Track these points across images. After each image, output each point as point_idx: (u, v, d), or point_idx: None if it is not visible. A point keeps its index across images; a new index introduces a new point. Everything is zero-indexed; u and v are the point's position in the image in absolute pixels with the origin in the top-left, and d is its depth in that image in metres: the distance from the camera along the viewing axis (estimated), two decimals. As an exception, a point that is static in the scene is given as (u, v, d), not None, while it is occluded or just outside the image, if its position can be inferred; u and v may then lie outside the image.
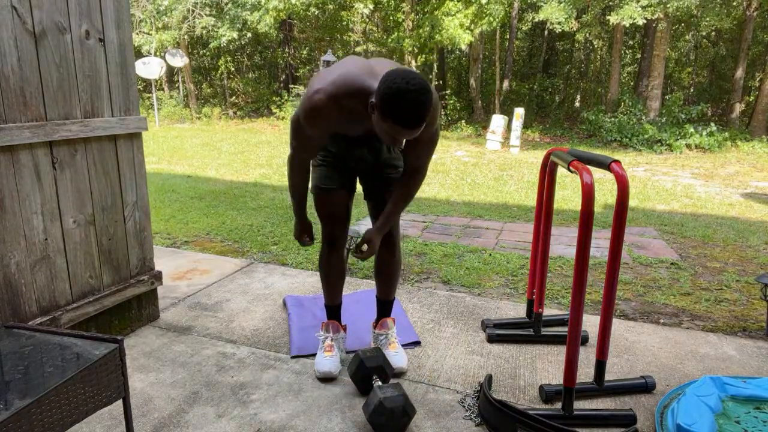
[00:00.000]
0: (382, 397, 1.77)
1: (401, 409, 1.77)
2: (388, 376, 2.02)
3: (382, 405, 1.75)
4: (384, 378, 2.00)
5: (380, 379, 1.98)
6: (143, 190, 2.52)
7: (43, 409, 1.29)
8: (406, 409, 1.78)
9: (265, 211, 5.22)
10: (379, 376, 1.99)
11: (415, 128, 1.61)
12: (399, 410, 1.76)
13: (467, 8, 13.20)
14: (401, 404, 1.77)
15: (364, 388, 2.01)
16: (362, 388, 2.02)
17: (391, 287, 2.28)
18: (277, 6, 13.81)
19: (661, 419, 1.87)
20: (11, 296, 1.95)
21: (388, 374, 2.02)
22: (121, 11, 2.29)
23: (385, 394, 1.78)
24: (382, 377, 1.99)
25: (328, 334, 2.25)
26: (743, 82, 14.17)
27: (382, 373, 2.00)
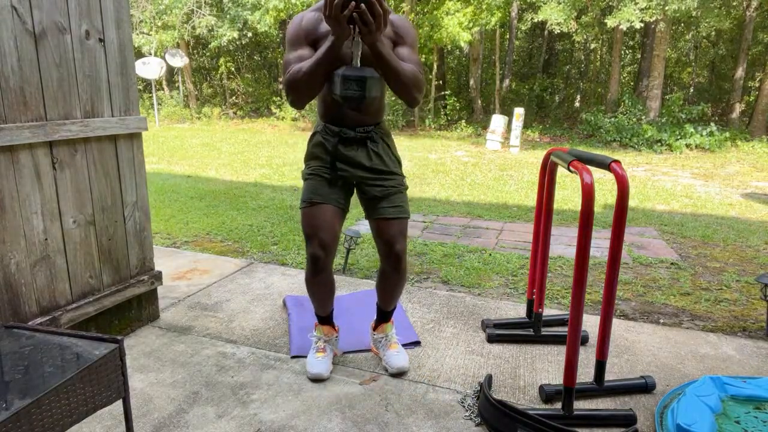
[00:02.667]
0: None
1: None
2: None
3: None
4: None
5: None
6: (143, 190, 2.52)
7: (43, 409, 1.29)
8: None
9: (265, 211, 5.22)
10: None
11: None
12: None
13: (466, 7, 13.21)
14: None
15: None
16: None
17: (394, 300, 2.22)
18: (277, 6, 13.81)
19: (661, 419, 1.87)
20: (11, 296, 1.95)
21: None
22: (121, 11, 2.29)
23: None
24: None
25: (320, 336, 2.25)
26: (743, 82, 14.17)
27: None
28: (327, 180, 2.06)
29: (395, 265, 2.08)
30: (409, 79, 1.88)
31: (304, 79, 1.84)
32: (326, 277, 2.10)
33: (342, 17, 1.71)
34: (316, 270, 2.05)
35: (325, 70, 1.84)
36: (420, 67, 1.96)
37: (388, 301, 2.22)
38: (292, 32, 1.95)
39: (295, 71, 1.85)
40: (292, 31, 1.95)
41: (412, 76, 1.88)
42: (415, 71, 1.90)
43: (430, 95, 15.78)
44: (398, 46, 1.97)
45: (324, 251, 2.02)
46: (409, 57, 1.95)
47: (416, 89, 1.91)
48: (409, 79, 1.88)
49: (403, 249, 2.07)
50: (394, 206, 2.07)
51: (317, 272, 2.05)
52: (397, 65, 1.85)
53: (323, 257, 2.02)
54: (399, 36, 1.97)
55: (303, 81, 1.85)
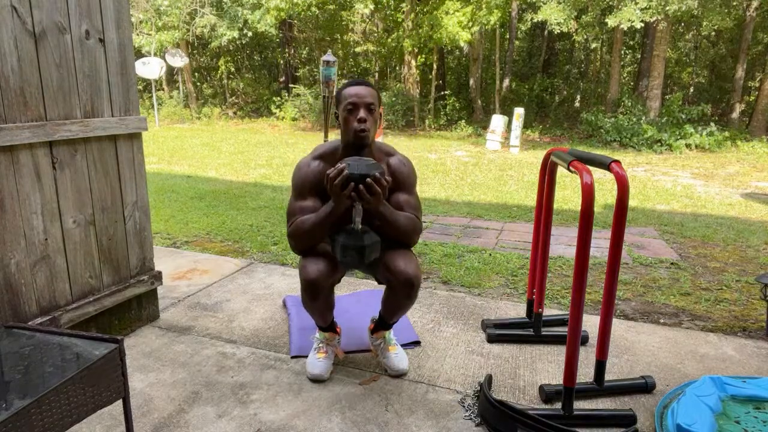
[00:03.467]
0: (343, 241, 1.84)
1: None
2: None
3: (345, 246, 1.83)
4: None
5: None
6: (143, 190, 2.52)
7: (43, 409, 1.29)
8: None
9: (265, 211, 5.22)
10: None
11: (360, 85, 1.95)
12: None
13: (466, 6, 13.21)
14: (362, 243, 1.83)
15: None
16: None
17: (399, 316, 2.16)
18: (278, 5, 13.81)
19: (661, 419, 1.87)
20: (11, 296, 1.95)
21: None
22: (121, 11, 2.29)
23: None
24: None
25: (322, 339, 2.24)
26: (743, 82, 14.17)
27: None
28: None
29: (409, 292, 1.97)
30: (407, 230, 1.97)
31: (306, 234, 1.95)
32: (324, 299, 2.01)
33: (342, 195, 1.81)
34: (313, 294, 1.95)
35: (327, 228, 1.93)
36: (418, 210, 2.06)
37: (393, 317, 2.15)
38: (297, 181, 2.04)
39: (298, 225, 1.96)
40: (297, 180, 2.04)
41: (410, 227, 1.98)
42: (413, 221, 1.99)
43: (430, 95, 15.78)
44: (397, 192, 2.03)
45: (322, 275, 1.93)
46: (407, 202, 2.03)
47: (414, 235, 2.01)
48: (408, 229, 1.97)
49: (417, 274, 1.96)
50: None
51: (315, 297, 1.96)
52: (396, 220, 1.94)
53: (323, 282, 1.93)
54: (398, 182, 2.04)
55: (305, 236, 1.95)
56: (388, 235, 1.97)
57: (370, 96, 1.94)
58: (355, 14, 17.23)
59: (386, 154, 2.10)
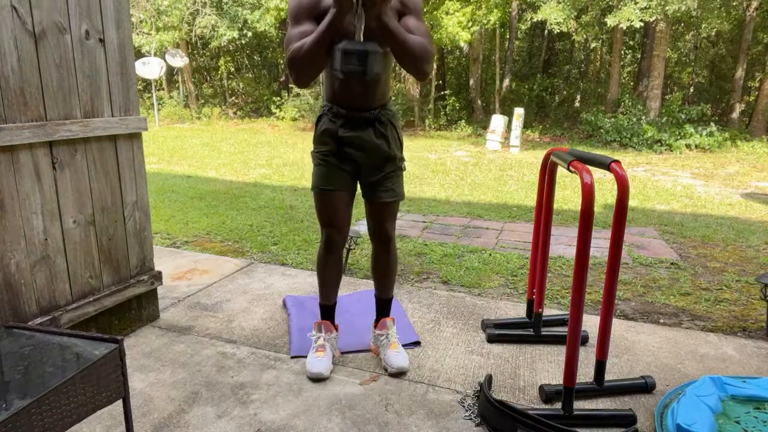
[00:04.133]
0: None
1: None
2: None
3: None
4: None
5: None
6: (143, 190, 2.52)
7: (43, 409, 1.29)
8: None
9: (265, 211, 5.22)
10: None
11: None
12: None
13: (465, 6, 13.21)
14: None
15: None
16: None
17: (389, 285, 2.30)
18: (278, 5, 13.81)
19: (661, 419, 1.87)
20: (11, 296, 1.95)
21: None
22: (121, 11, 2.29)
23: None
24: None
25: (320, 334, 2.25)
26: (743, 82, 14.17)
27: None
28: (336, 166, 2.09)
29: (385, 245, 2.21)
30: (417, 52, 1.81)
31: (306, 56, 1.80)
32: (337, 260, 2.24)
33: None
34: (330, 251, 2.19)
35: (328, 45, 1.78)
36: (428, 37, 1.89)
37: (383, 287, 2.29)
38: (293, 7, 1.90)
39: (297, 48, 1.80)
40: (293, 5, 1.90)
41: (420, 49, 1.81)
42: (423, 43, 1.83)
43: (430, 95, 15.78)
44: (404, 17, 1.90)
45: (339, 232, 2.16)
46: (416, 27, 1.89)
47: (425, 61, 1.84)
48: (418, 51, 1.81)
49: (392, 229, 2.20)
50: (388, 190, 2.13)
51: (331, 251, 2.20)
52: (404, 38, 1.78)
53: (338, 238, 2.18)
54: (405, 5, 1.90)
55: (305, 58, 1.80)
56: (396, 56, 1.83)
57: None
58: (355, 14, 17.18)
59: None
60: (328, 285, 2.26)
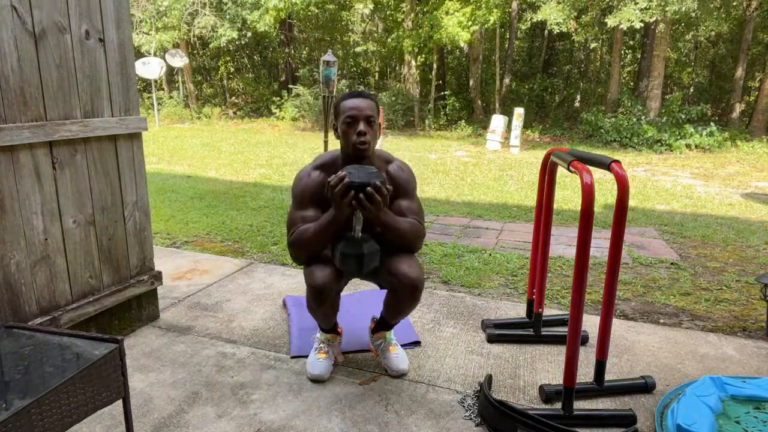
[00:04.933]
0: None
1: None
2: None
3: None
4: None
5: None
6: (143, 190, 2.52)
7: (43, 409, 1.29)
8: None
9: (265, 211, 5.22)
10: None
11: (359, 97, 1.93)
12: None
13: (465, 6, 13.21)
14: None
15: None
16: None
17: (402, 317, 2.16)
18: (277, 5, 13.81)
19: (661, 419, 1.87)
20: (11, 296, 1.95)
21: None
22: (121, 11, 2.29)
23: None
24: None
25: (323, 339, 2.24)
26: (743, 82, 14.17)
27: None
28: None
29: (413, 296, 1.98)
30: (410, 236, 1.96)
31: (307, 244, 1.94)
32: (332, 303, 2.04)
33: (342, 203, 1.80)
34: (322, 300, 1.96)
35: (327, 237, 1.92)
36: (420, 215, 2.05)
37: (395, 318, 2.15)
38: (297, 191, 2.03)
39: (299, 234, 1.95)
40: (297, 190, 2.03)
41: (412, 233, 1.97)
42: (415, 226, 1.98)
43: (430, 95, 15.78)
44: (398, 199, 2.03)
45: (329, 280, 1.94)
46: (408, 208, 2.03)
47: (417, 240, 2.00)
48: (410, 235, 1.96)
49: (421, 278, 1.96)
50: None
51: (323, 302, 1.97)
52: (398, 228, 1.93)
53: (329, 287, 1.94)
54: (398, 188, 2.04)
55: (305, 245, 1.95)
56: (391, 241, 1.96)
57: (369, 108, 1.93)
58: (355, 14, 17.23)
59: (385, 161, 2.09)
60: (325, 317, 2.10)
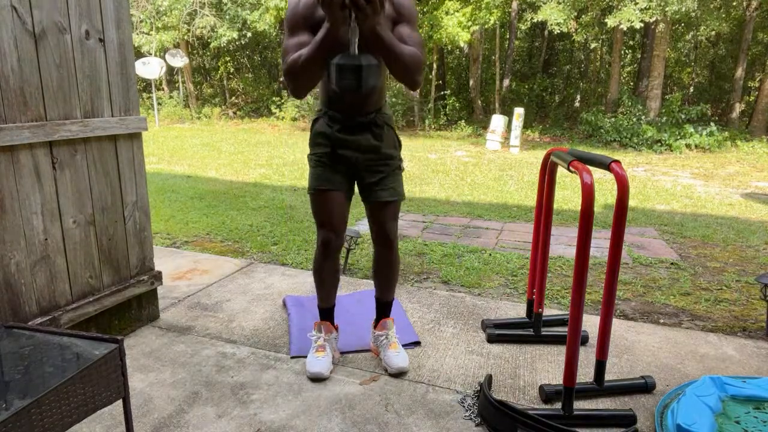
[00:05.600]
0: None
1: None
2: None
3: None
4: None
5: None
6: (143, 190, 2.52)
7: (43, 409, 1.29)
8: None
9: (265, 211, 5.22)
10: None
11: None
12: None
13: (465, 6, 13.22)
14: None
15: None
16: None
17: (390, 288, 2.28)
18: (278, 4, 13.81)
19: (661, 419, 1.87)
20: (11, 296, 1.95)
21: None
22: (121, 11, 2.29)
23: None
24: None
25: (320, 335, 2.25)
26: (743, 82, 14.17)
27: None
28: (332, 167, 2.09)
29: (387, 248, 2.18)
30: (409, 63, 1.82)
31: (303, 68, 1.81)
32: (334, 263, 2.19)
33: (335, 3, 1.66)
34: (327, 253, 2.14)
35: (323, 57, 1.78)
36: (421, 46, 1.90)
37: (385, 289, 2.27)
38: (289, 17, 1.91)
39: (294, 60, 1.82)
40: (289, 16, 1.91)
41: (412, 60, 1.83)
42: (415, 53, 1.84)
43: (430, 95, 15.77)
44: (398, 24, 1.91)
45: (335, 235, 2.11)
46: (409, 36, 1.90)
47: (417, 72, 1.86)
48: (410, 62, 1.82)
49: (394, 230, 2.15)
50: (388, 189, 2.12)
51: (328, 256, 2.14)
52: (396, 49, 1.79)
53: (334, 240, 2.12)
54: (399, 13, 1.90)
55: (301, 70, 1.82)
56: (389, 66, 1.85)
57: None
58: (355, 14, 17.17)
59: None
60: (326, 288, 2.24)
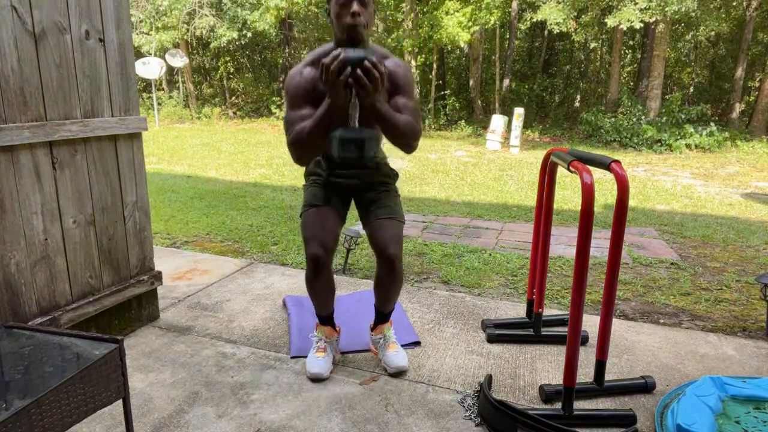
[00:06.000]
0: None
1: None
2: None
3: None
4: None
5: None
6: (143, 190, 2.52)
7: (43, 409, 1.29)
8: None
9: (265, 211, 5.22)
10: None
11: None
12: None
13: (465, 7, 13.22)
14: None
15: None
16: None
17: (390, 301, 2.22)
18: (278, 4, 13.81)
19: (661, 419, 1.87)
20: (11, 296, 1.95)
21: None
22: (121, 11, 2.29)
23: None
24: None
25: (321, 336, 2.25)
26: (743, 82, 14.17)
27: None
28: (328, 187, 2.14)
29: (389, 269, 2.05)
30: (405, 132, 1.91)
31: (307, 141, 1.89)
32: (327, 278, 2.10)
33: (338, 82, 1.72)
34: (317, 270, 2.03)
35: (326, 130, 1.86)
36: (417, 114, 2.00)
37: (384, 303, 2.23)
38: (291, 90, 1.97)
39: (297, 133, 1.89)
40: (291, 88, 1.97)
41: (409, 129, 1.92)
42: (412, 123, 1.93)
43: (430, 95, 15.77)
44: (395, 95, 1.99)
45: (324, 250, 2.01)
46: (405, 105, 1.98)
47: (412, 139, 1.95)
48: (406, 132, 1.91)
49: (396, 253, 2.04)
50: (384, 206, 2.11)
51: (318, 273, 2.04)
52: (393, 120, 1.88)
53: (323, 257, 2.01)
54: (395, 84, 1.99)
55: (305, 143, 1.89)
56: (386, 135, 1.92)
57: None
58: (355, 14, 17.16)
59: (382, 56, 2.00)
60: (322, 298, 2.16)
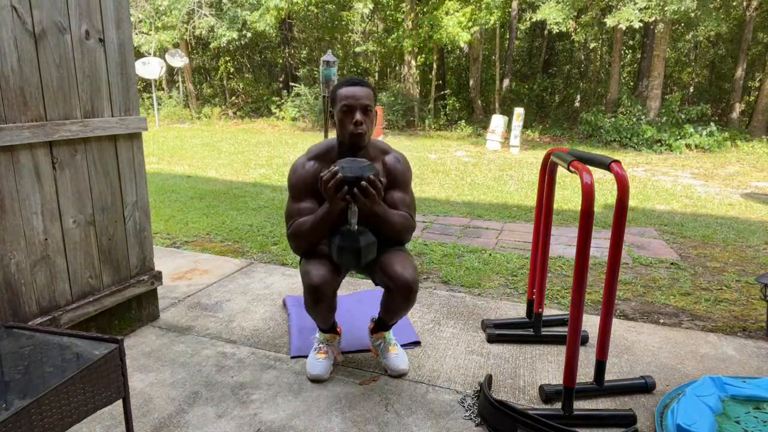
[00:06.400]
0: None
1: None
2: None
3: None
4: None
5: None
6: (143, 190, 2.52)
7: (43, 409, 1.29)
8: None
9: (265, 211, 5.22)
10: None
11: (356, 86, 1.93)
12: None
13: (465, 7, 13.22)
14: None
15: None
16: None
17: (400, 318, 2.15)
18: (278, 4, 13.81)
19: (661, 419, 1.87)
20: (11, 296, 1.95)
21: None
22: (121, 11, 2.29)
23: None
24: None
25: (322, 338, 2.24)
26: (743, 82, 14.17)
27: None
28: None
29: (407, 294, 1.94)
30: (400, 228, 1.98)
31: (305, 238, 1.97)
32: (329, 303, 2.01)
33: (336, 197, 1.80)
34: (318, 298, 1.94)
35: (324, 230, 1.94)
36: (412, 208, 2.08)
37: (392, 319, 2.14)
38: (294, 181, 2.05)
39: (297, 227, 1.98)
40: (294, 179, 2.05)
41: (403, 226, 1.99)
42: (407, 219, 2.01)
43: (430, 95, 15.77)
44: (391, 189, 2.05)
45: (327, 285, 1.92)
46: (401, 200, 2.05)
47: (406, 233, 2.02)
48: (401, 228, 1.99)
49: (415, 277, 1.94)
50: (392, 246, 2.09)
51: (320, 300, 1.95)
52: (391, 221, 1.95)
53: (327, 289, 1.93)
54: (394, 180, 2.06)
55: (304, 238, 1.97)
56: (382, 233, 1.98)
57: (366, 97, 1.93)
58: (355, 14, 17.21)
59: (382, 152, 2.10)
60: (324, 319, 2.09)
